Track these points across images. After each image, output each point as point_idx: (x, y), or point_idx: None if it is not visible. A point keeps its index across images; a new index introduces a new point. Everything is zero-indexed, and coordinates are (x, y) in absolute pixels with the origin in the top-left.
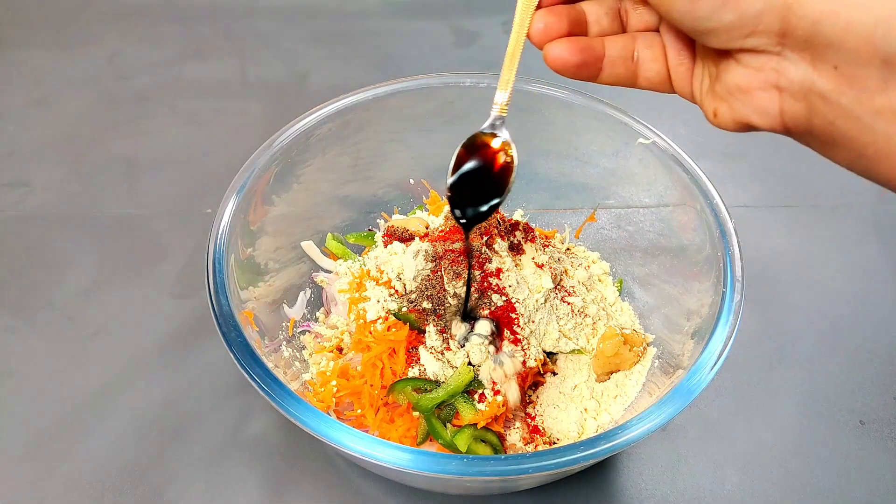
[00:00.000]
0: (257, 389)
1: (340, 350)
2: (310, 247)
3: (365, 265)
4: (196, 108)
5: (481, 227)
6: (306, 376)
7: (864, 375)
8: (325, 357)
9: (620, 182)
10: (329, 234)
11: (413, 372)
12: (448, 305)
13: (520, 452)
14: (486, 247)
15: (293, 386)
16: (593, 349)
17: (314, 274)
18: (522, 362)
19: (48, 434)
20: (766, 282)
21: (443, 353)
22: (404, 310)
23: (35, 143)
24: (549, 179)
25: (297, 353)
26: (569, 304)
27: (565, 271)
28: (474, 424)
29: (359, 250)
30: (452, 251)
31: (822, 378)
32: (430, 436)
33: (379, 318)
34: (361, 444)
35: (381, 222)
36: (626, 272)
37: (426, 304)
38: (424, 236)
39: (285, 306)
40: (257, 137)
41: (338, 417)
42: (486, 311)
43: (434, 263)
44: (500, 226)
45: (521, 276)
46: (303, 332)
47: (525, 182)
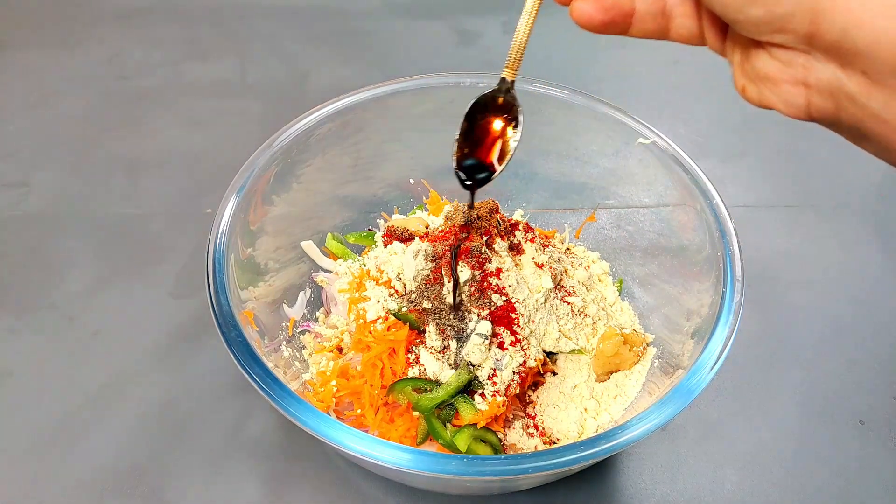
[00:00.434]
0: (257, 389)
1: (340, 350)
2: (310, 247)
3: (365, 265)
4: (196, 108)
5: (481, 227)
6: (306, 376)
7: (864, 375)
8: (325, 357)
9: (620, 182)
10: (329, 234)
11: (413, 372)
12: (445, 305)
13: (520, 452)
14: (486, 247)
15: (293, 386)
16: (593, 349)
17: (314, 274)
18: (522, 362)
19: (48, 434)
20: (766, 282)
21: (443, 353)
22: (404, 310)
23: (35, 143)
24: (549, 179)
25: (297, 353)
26: (569, 304)
27: (565, 271)
28: (474, 424)
29: (359, 250)
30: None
31: (822, 378)
32: (430, 436)
33: (379, 318)
34: (361, 444)
35: (381, 222)
36: (625, 272)
37: (426, 304)
38: (424, 236)
39: (285, 306)
40: (257, 137)
41: (338, 417)
42: (486, 311)
43: (434, 263)
44: (499, 226)
45: (521, 276)
46: (303, 332)
47: (525, 182)
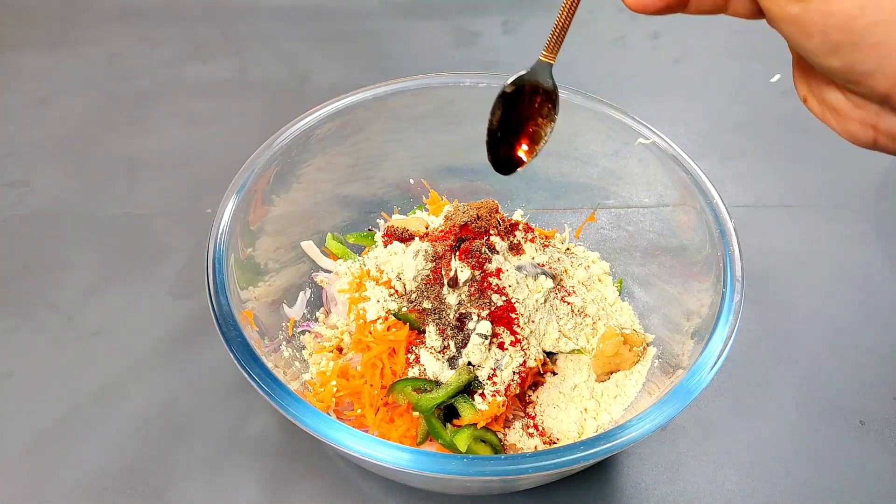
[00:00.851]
0: (257, 389)
1: (340, 350)
2: (310, 247)
3: (365, 265)
4: (196, 108)
5: (481, 227)
6: (306, 376)
7: (864, 375)
8: (324, 357)
9: (620, 182)
10: (329, 234)
11: (413, 372)
12: (446, 307)
13: (520, 452)
14: (486, 247)
15: (293, 386)
16: (593, 349)
17: (314, 274)
18: (522, 362)
19: (48, 434)
20: (766, 282)
21: (443, 353)
22: (404, 310)
23: (35, 143)
24: (549, 179)
25: (297, 353)
26: (569, 304)
27: (565, 271)
28: (474, 424)
29: (359, 250)
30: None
31: (822, 378)
32: (430, 436)
33: (379, 318)
34: (361, 444)
35: (381, 222)
36: (625, 272)
37: (426, 304)
38: (424, 236)
39: (285, 306)
40: (257, 137)
41: (338, 417)
42: (486, 311)
43: (434, 263)
44: (499, 226)
45: (521, 276)
46: (303, 332)
47: (525, 182)
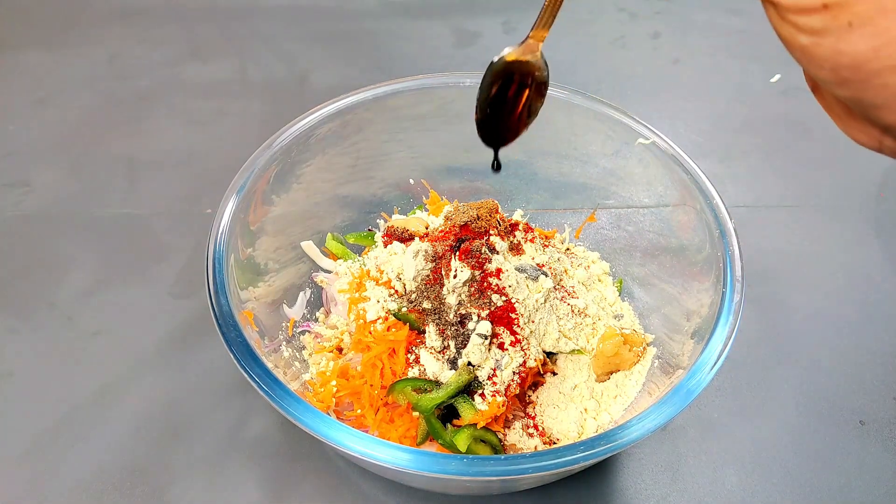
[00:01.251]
0: (257, 389)
1: (340, 350)
2: (310, 247)
3: (365, 265)
4: (196, 108)
5: (481, 227)
6: (306, 376)
7: (864, 375)
8: (324, 357)
9: (620, 182)
10: (329, 234)
11: (413, 372)
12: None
13: (520, 452)
14: (486, 247)
15: (293, 386)
16: (593, 349)
17: (314, 274)
18: (522, 362)
19: (48, 434)
20: (766, 282)
21: (443, 353)
22: (404, 310)
23: (35, 143)
24: (549, 179)
25: (297, 354)
26: (569, 304)
27: (565, 271)
28: (474, 425)
29: (359, 250)
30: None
31: (822, 378)
32: (430, 436)
33: (379, 319)
34: (361, 444)
35: (381, 222)
36: (625, 272)
37: (426, 305)
38: (424, 236)
39: (285, 306)
40: (257, 137)
41: (338, 417)
42: (486, 312)
43: (434, 263)
44: (499, 226)
45: (521, 276)
46: (303, 332)
47: (525, 182)
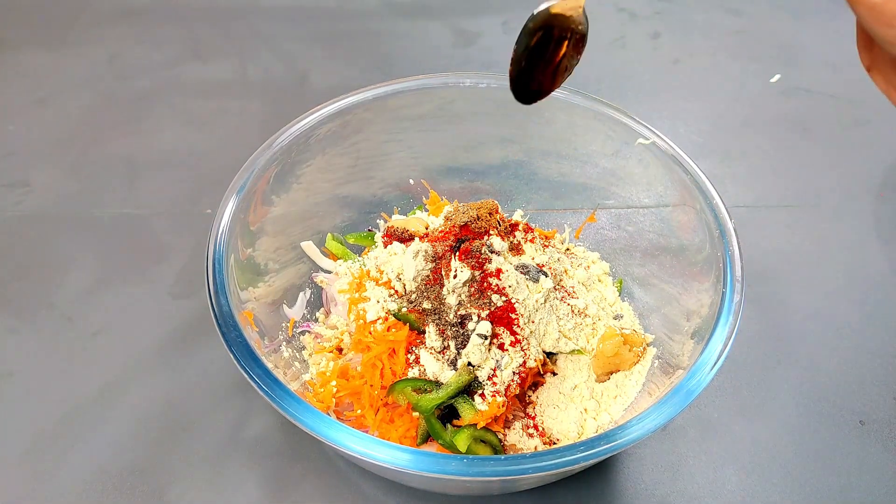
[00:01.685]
0: (257, 390)
1: (340, 350)
2: (310, 247)
3: (365, 265)
4: (196, 108)
5: (481, 227)
6: (306, 377)
7: (864, 375)
8: (324, 357)
9: (620, 182)
10: (329, 235)
11: (413, 372)
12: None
13: (520, 453)
14: (486, 247)
15: (293, 386)
16: (593, 349)
17: (314, 274)
18: (522, 362)
19: (48, 434)
20: (766, 282)
21: (443, 354)
22: (404, 310)
23: (35, 143)
24: (549, 179)
25: (297, 354)
26: (569, 304)
27: (565, 271)
28: (474, 425)
29: (358, 250)
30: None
31: (822, 378)
32: (430, 436)
33: (379, 319)
34: (361, 444)
35: (381, 222)
36: (625, 272)
37: (426, 305)
38: (424, 236)
39: (285, 306)
40: (257, 137)
41: (338, 418)
42: (486, 312)
43: (434, 264)
44: (499, 226)
45: (520, 276)
46: (303, 333)
47: (525, 182)
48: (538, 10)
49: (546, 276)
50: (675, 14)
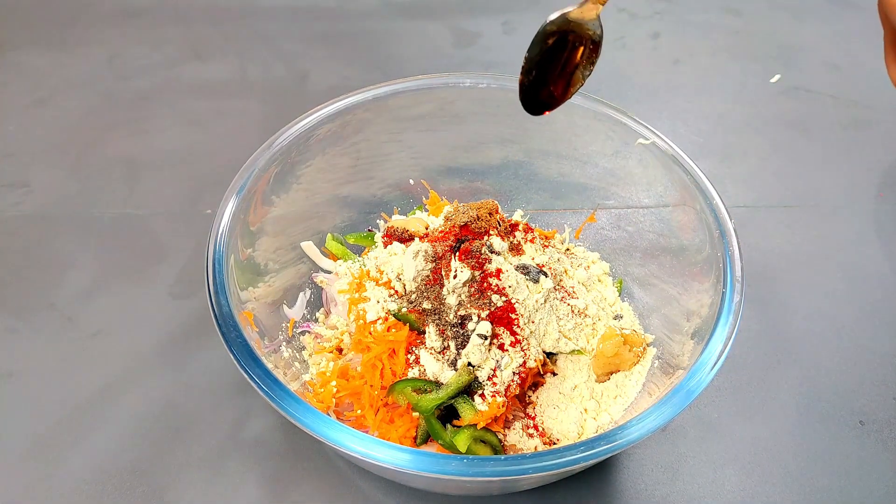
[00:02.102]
0: (257, 390)
1: (340, 351)
2: (309, 247)
3: (365, 266)
4: (196, 109)
5: (481, 227)
6: (306, 377)
7: (864, 375)
8: (324, 357)
9: (620, 182)
10: (329, 235)
11: (413, 373)
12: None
13: (520, 453)
14: (486, 247)
15: (293, 386)
16: (593, 349)
17: (314, 274)
18: (522, 363)
19: (48, 434)
20: (766, 282)
21: (443, 354)
22: (404, 310)
23: (35, 143)
24: (549, 179)
25: (297, 354)
26: (569, 304)
27: (565, 271)
28: (474, 425)
29: (358, 251)
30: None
31: (822, 378)
32: (430, 436)
33: (379, 319)
34: (361, 444)
35: (381, 223)
36: (625, 272)
37: (426, 305)
38: (424, 237)
39: (285, 307)
40: (257, 137)
41: (338, 418)
42: (486, 312)
43: (434, 264)
44: (499, 226)
45: (520, 276)
46: (302, 333)
47: (525, 182)
48: (554, 15)
49: (546, 276)
50: (675, 14)
